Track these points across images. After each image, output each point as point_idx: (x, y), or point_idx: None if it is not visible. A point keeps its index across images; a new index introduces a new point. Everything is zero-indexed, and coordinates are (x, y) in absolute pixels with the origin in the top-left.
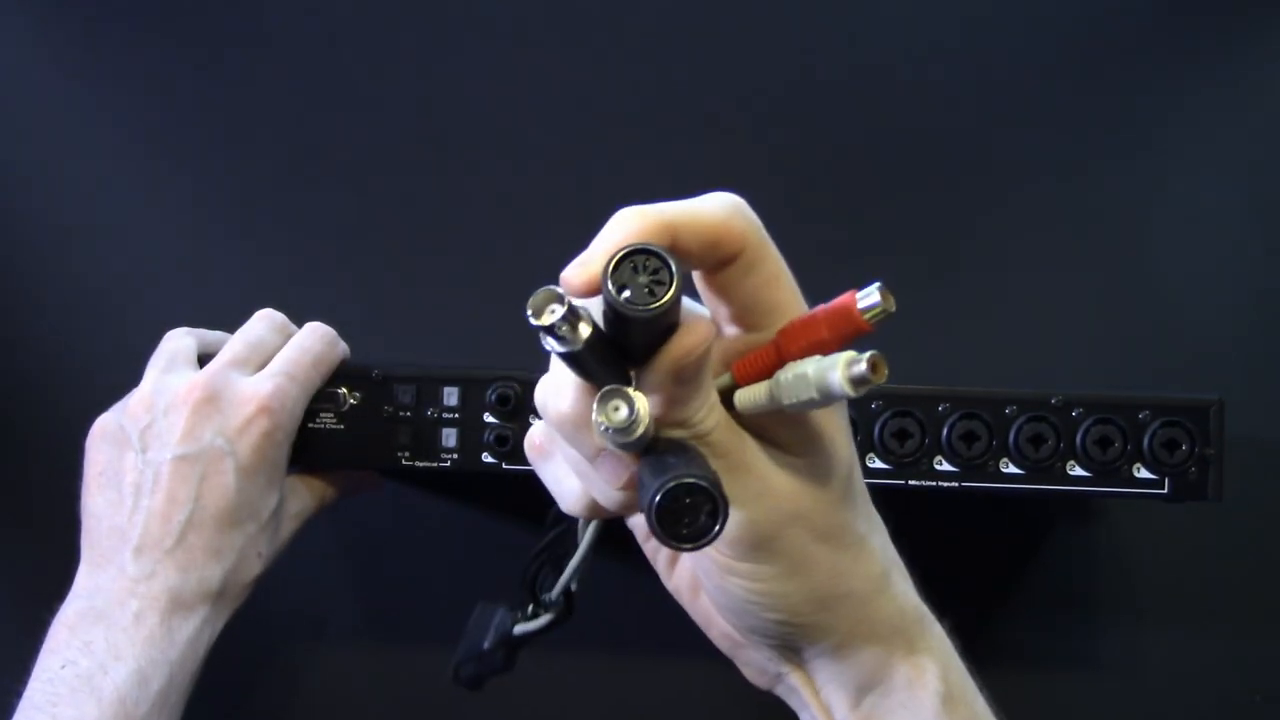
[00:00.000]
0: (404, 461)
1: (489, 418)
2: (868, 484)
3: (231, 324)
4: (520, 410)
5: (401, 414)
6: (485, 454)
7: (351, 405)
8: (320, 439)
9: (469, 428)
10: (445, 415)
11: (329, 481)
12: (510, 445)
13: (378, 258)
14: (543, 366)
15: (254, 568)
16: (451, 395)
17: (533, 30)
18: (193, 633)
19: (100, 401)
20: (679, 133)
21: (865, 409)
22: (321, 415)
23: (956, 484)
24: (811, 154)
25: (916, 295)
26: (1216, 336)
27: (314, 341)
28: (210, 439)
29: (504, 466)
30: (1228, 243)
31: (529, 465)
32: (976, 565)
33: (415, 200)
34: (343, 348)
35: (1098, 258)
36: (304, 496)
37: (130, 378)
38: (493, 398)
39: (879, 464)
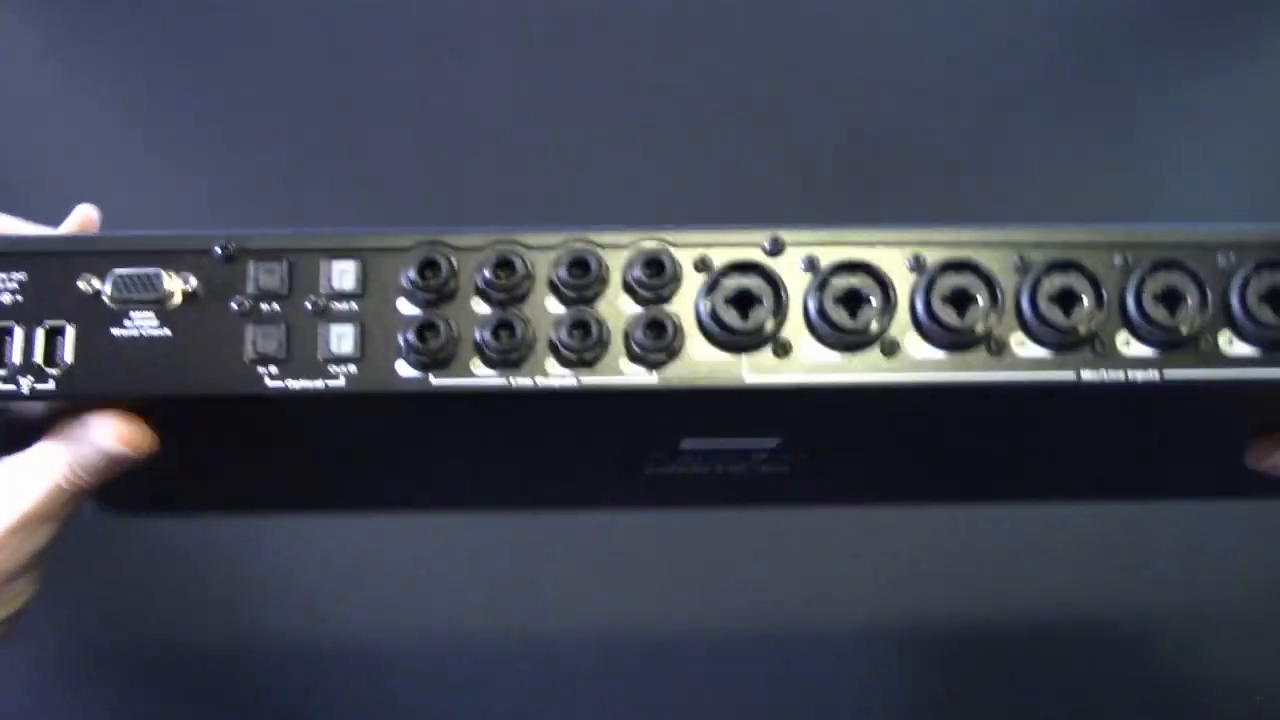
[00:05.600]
0: (269, 381)
1: (405, 306)
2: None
3: None
4: (461, 290)
5: (264, 306)
6: (401, 362)
7: (184, 296)
8: (133, 353)
9: (375, 323)
10: (336, 305)
11: None
12: (444, 343)
13: None
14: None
15: None
16: (345, 274)
17: (530, 30)
18: None
19: None
20: (676, 133)
21: (1007, 266)
22: (134, 315)
23: (1156, 374)
24: (808, 154)
25: None
26: None
27: None
28: None
29: (432, 381)
30: None
31: (475, 379)
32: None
33: (417, 202)
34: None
35: None
36: None
37: None
38: (411, 273)
39: (1032, 348)
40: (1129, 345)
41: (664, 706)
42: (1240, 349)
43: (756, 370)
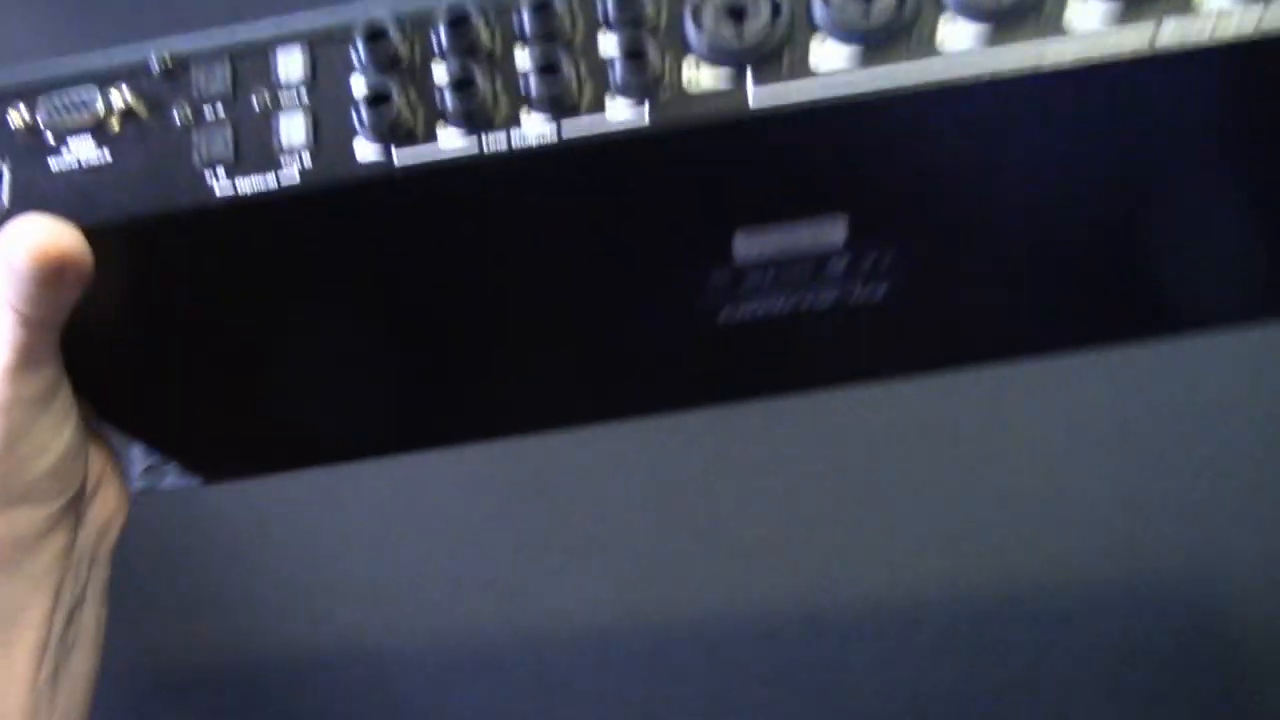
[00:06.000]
0: (218, 186)
1: (359, 84)
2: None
3: None
4: (418, 58)
5: (208, 112)
6: (358, 140)
7: (123, 116)
8: (74, 185)
9: (327, 107)
10: (284, 95)
11: None
12: (402, 108)
13: None
14: None
15: None
16: (292, 63)
17: None
18: None
19: None
20: None
21: None
22: (72, 142)
23: (1255, 19)
24: None
25: None
26: (1221, 346)
27: None
28: None
29: (395, 158)
30: None
31: (443, 149)
32: None
33: None
34: None
35: None
36: None
37: None
38: (360, 47)
39: (1092, 5)
40: None
41: (666, 704)
42: None
43: (766, 92)
